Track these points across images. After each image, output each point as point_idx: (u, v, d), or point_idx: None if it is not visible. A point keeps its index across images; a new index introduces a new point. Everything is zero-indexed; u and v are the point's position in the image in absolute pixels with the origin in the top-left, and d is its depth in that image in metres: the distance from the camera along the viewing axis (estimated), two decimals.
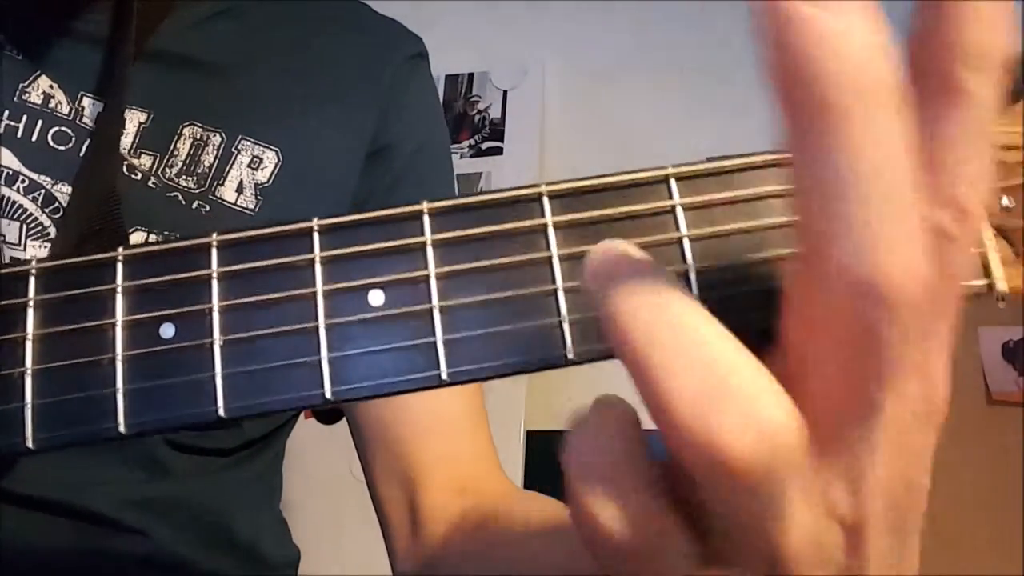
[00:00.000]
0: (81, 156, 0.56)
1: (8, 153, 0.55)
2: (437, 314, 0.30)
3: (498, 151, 1.52)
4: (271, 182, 0.60)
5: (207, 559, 0.62)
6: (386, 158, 0.66)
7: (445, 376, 0.30)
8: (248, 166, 0.59)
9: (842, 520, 0.24)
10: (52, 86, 0.57)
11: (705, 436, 0.21)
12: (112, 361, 0.32)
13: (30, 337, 0.32)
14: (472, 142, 1.54)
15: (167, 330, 0.32)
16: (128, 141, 0.58)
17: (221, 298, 0.32)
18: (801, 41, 0.20)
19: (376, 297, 0.31)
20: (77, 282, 0.33)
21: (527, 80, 1.56)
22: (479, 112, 1.56)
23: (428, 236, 0.31)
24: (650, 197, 0.31)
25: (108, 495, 0.57)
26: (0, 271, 0.33)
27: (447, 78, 1.59)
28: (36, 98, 0.57)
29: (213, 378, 0.31)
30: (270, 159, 0.60)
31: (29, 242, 0.55)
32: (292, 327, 0.31)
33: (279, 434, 0.70)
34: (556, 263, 0.30)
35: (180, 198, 0.58)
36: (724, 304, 0.28)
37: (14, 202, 0.55)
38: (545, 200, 0.31)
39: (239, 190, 0.59)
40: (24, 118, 0.56)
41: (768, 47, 0.20)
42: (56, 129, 0.57)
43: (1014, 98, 0.29)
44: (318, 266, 0.31)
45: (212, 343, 0.31)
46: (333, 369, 0.30)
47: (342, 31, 0.68)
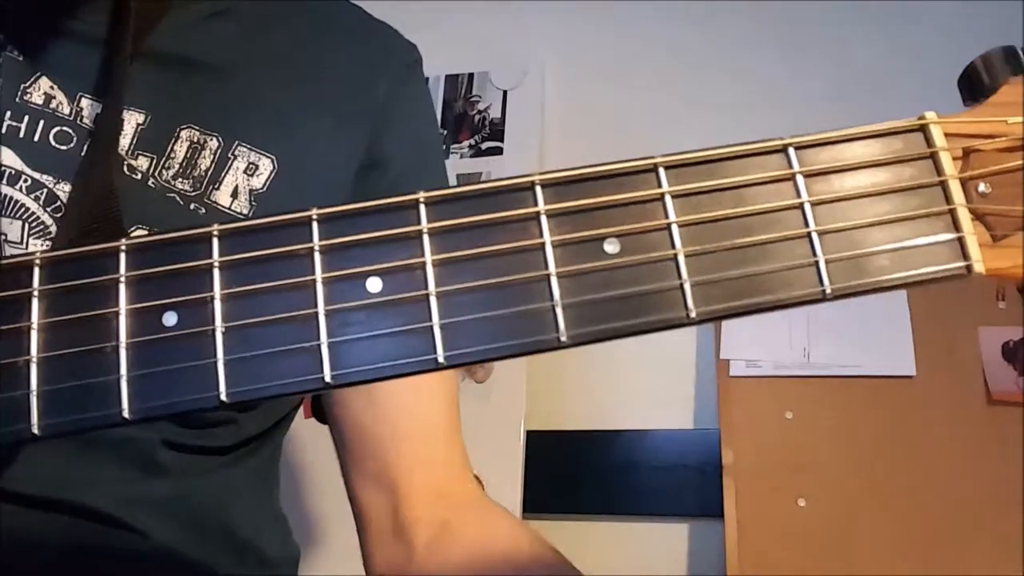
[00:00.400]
0: (82, 155, 0.57)
1: (10, 153, 0.56)
2: (433, 300, 0.31)
3: (498, 151, 1.52)
4: (266, 189, 0.60)
5: (207, 557, 0.62)
6: (381, 167, 0.66)
7: (442, 359, 0.30)
8: (244, 172, 0.60)
9: None
10: (52, 87, 0.58)
11: None
12: (116, 349, 0.32)
13: (35, 326, 0.33)
14: (472, 142, 1.54)
15: (170, 318, 0.32)
16: (126, 142, 0.58)
17: (222, 286, 0.32)
18: None
19: (374, 284, 0.32)
20: (81, 272, 0.33)
21: (527, 80, 1.56)
22: (479, 112, 1.56)
23: (424, 224, 0.32)
24: (640, 185, 0.32)
25: (107, 493, 0.57)
26: (5, 262, 0.34)
27: (447, 78, 1.60)
28: (37, 98, 0.57)
29: (215, 364, 0.31)
30: (266, 166, 0.61)
31: (31, 240, 0.55)
32: (292, 314, 0.32)
33: (276, 431, 0.70)
34: (549, 249, 0.31)
35: (178, 199, 0.58)
36: (711, 286, 0.29)
37: (16, 201, 0.55)
38: (538, 189, 0.32)
39: (234, 195, 0.60)
40: (26, 118, 0.56)
41: None
42: (57, 129, 0.57)
43: (972, 97, 0.30)
44: (317, 254, 0.32)
45: (214, 330, 0.32)
46: (332, 354, 0.31)
47: (338, 37, 0.68)
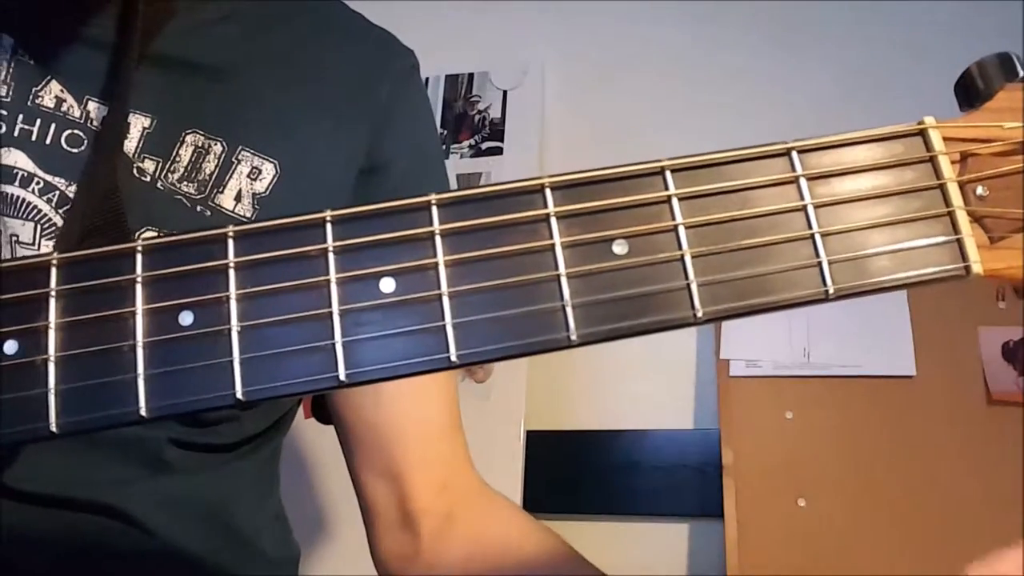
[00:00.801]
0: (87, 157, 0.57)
1: (23, 155, 0.56)
2: (446, 300, 0.32)
3: (498, 151, 1.53)
4: (268, 193, 0.61)
5: (210, 554, 0.63)
6: (381, 173, 0.67)
7: (455, 358, 0.31)
8: (247, 176, 0.61)
9: None
10: (63, 90, 0.58)
11: None
12: (133, 348, 0.33)
13: (52, 325, 0.33)
14: (472, 142, 1.55)
15: (186, 318, 0.33)
16: (132, 146, 0.59)
17: (238, 286, 0.33)
18: None
19: (387, 284, 0.32)
20: (97, 273, 0.34)
21: (527, 80, 1.56)
22: (479, 112, 1.56)
23: (436, 226, 0.33)
24: (647, 188, 0.32)
25: (114, 491, 0.58)
26: (22, 262, 0.34)
27: (447, 78, 1.60)
28: (49, 102, 0.58)
29: (231, 363, 0.32)
30: (268, 171, 0.62)
31: (43, 242, 0.56)
32: (307, 313, 0.32)
33: (277, 430, 0.70)
34: (559, 250, 0.32)
35: (185, 201, 0.59)
36: (717, 286, 0.29)
37: (29, 203, 0.56)
38: (547, 191, 0.33)
39: (237, 199, 0.60)
40: (38, 122, 0.57)
41: None
42: (69, 132, 0.58)
43: (968, 103, 0.30)
44: (331, 255, 0.33)
45: (230, 329, 0.32)
46: (347, 353, 0.31)
47: (338, 42, 0.69)
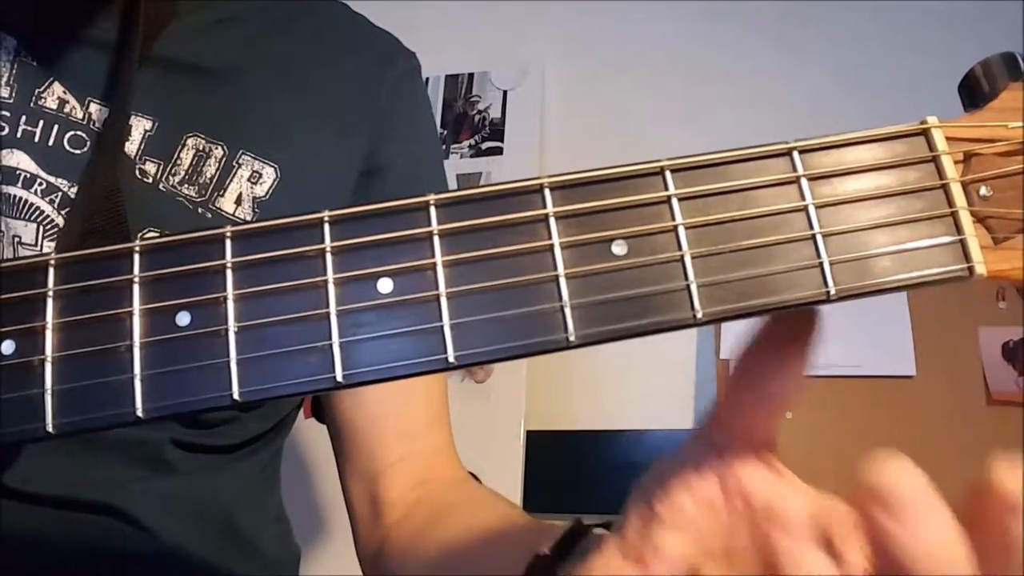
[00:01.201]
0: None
1: (26, 157, 0.56)
2: (444, 300, 0.31)
3: (498, 151, 1.53)
4: (269, 197, 0.61)
5: (211, 555, 0.63)
6: (380, 176, 0.67)
7: (452, 359, 0.31)
8: (248, 180, 0.61)
9: None
10: (65, 91, 0.58)
11: None
12: (130, 348, 0.33)
13: (50, 326, 0.33)
14: (472, 142, 1.54)
15: (183, 318, 0.33)
16: (134, 148, 0.59)
17: (235, 287, 0.33)
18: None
19: (385, 285, 0.32)
20: (95, 273, 0.34)
21: (527, 80, 1.56)
22: (479, 112, 1.56)
23: (435, 226, 0.32)
24: (646, 188, 0.32)
25: (115, 491, 0.58)
26: (20, 262, 0.34)
27: (447, 78, 1.60)
28: (51, 103, 0.58)
29: (228, 363, 0.32)
30: (269, 175, 0.62)
31: (46, 243, 0.56)
32: (304, 314, 0.32)
33: (278, 432, 0.71)
34: (557, 251, 0.32)
35: (186, 203, 0.59)
36: (717, 287, 0.29)
37: (31, 204, 0.56)
38: (546, 191, 0.32)
39: (238, 202, 0.60)
40: (41, 123, 0.57)
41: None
42: (72, 133, 0.58)
43: (972, 103, 0.30)
44: (328, 256, 0.33)
45: (227, 330, 0.32)
46: (344, 354, 0.31)
47: (340, 44, 0.69)
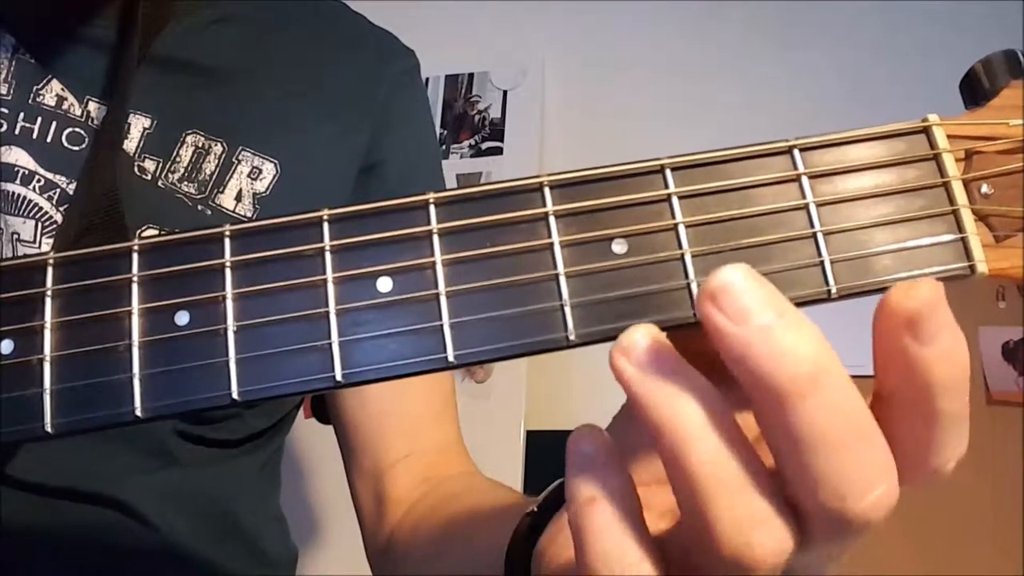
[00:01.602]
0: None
1: (24, 153, 0.57)
2: (443, 299, 0.31)
3: (498, 151, 1.53)
4: (269, 192, 0.61)
5: (211, 550, 0.63)
6: (379, 174, 0.68)
7: (452, 358, 0.31)
8: (248, 176, 0.61)
9: None
10: (63, 89, 0.58)
11: (744, 553, 0.26)
12: (129, 348, 0.32)
13: (48, 325, 0.33)
14: (472, 142, 1.55)
15: (182, 317, 0.33)
16: (133, 145, 0.59)
17: (234, 286, 0.33)
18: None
19: (384, 284, 0.32)
20: (93, 272, 0.34)
21: (527, 80, 1.56)
22: (479, 112, 1.56)
23: (434, 225, 0.32)
24: (647, 187, 0.32)
25: (116, 483, 0.58)
26: (19, 261, 0.34)
27: (447, 78, 1.60)
28: (50, 100, 0.58)
29: (227, 363, 0.32)
30: (269, 170, 0.62)
31: (44, 240, 0.56)
32: (303, 313, 0.32)
33: (281, 428, 0.71)
34: (557, 250, 0.32)
35: (185, 200, 0.59)
36: None
37: (30, 200, 0.56)
38: (546, 190, 0.32)
39: (238, 198, 0.61)
40: (39, 120, 0.57)
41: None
42: (70, 130, 0.58)
43: (973, 101, 0.30)
44: (328, 254, 0.32)
45: (226, 329, 0.32)
46: (343, 353, 0.31)
47: (339, 42, 0.69)
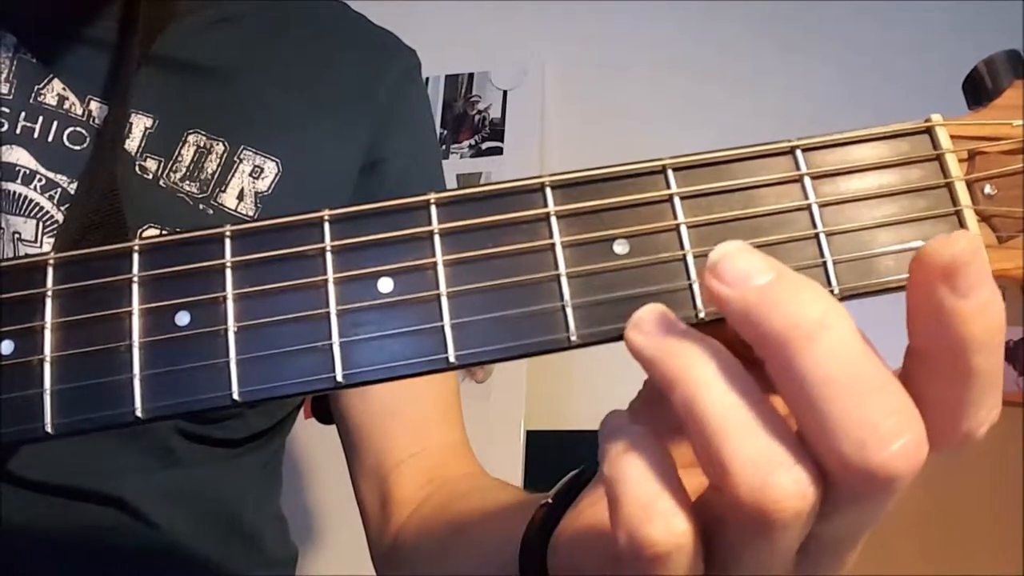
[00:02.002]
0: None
1: (25, 153, 0.57)
2: (444, 300, 0.31)
3: (498, 151, 1.52)
4: (271, 191, 0.62)
5: (213, 549, 0.63)
6: (379, 172, 0.68)
7: (453, 359, 0.31)
8: (250, 175, 0.61)
9: None
10: (65, 88, 0.58)
11: (762, 496, 0.25)
12: (129, 348, 0.32)
13: (48, 326, 0.33)
14: (472, 142, 1.54)
15: (182, 318, 0.33)
16: (134, 145, 0.59)
17: (235, 287, 0.33)
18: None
19: (385, 284, 0.32)
20: (94, 272, 0.34)
21: (527, 80, 1.56)
22: (479, 112, 1.56)
23: (435, 225, 0.32)
24: (648, 187, 0.32)
25: (117, 481, 0.58)
26: (19, 262, 0.34)
27: (447, 78, 1.59)
28: (51, 100, 0.58)
29: (227, 363, 0.32)
30: (271, 169, 0.62)
31: (45, 239, 0.56)
32: (304, 313, 0.32)
33: (282, 428, 0.71)
34: (559, 250, 0.32)
35: (187, 199, 0.59)
36: None
37: (31, 200, 0.56)
38: (548, 190, 0.32)
39: (240, 197, 0.61)
40: (40, 119, 0.57)
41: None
42: (71, 130, 0.58)
43: (976, 101, 0.30)
44: (329, 255, 0.32)
45: (226, 330, 0.32)
46: (344, 353, 0.31)
47: (341, 43, 0.69)
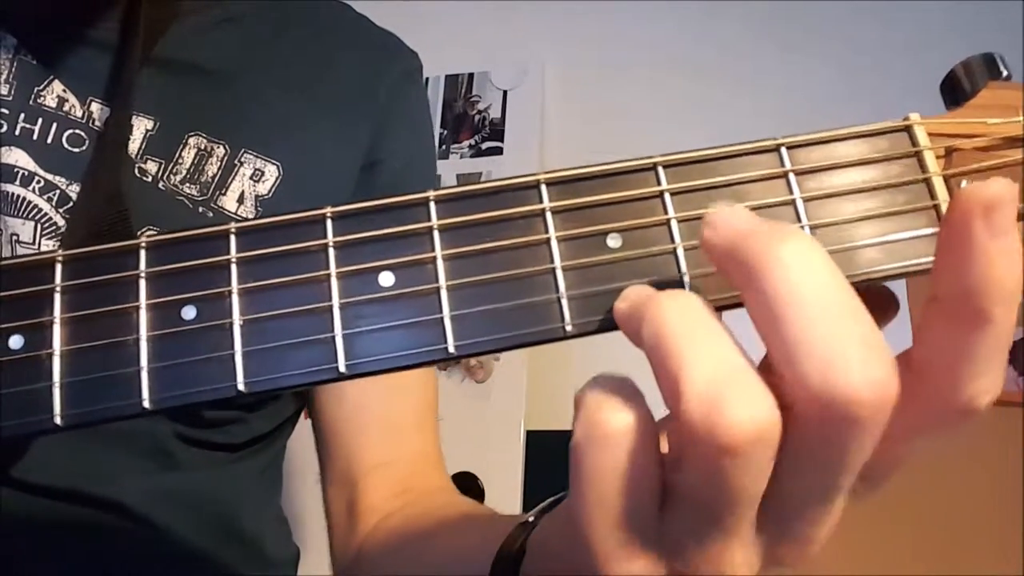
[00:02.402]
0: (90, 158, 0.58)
1: (24, 154, 0.57)
2: (444, 293, 0.32)
3: (498, 151, 1.53)
4: (271, 194, 0.62)
5: (213, 552, 0.64)
6: (376, 172, 0.68)
7: (452, 349, 0.32)
8: (250, 178, 0.62)
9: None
10: (65, 90, 0.59)
11: (714, 416, 0.25)
12: (137, 341, 0.33)
13: (57, 320, 0.34)
14: (472, 142, 1.55)
15: (189, 312, 0.34)
16: (135, 147, 0.59)
17: (240, 281, 0.34)
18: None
19: (386, 278, 0.33)
20: (102, 269, 0.35)
21: (527, 80, 1.57)
22: (479, 112, 1.57)
23: (434, 221, 0.33)
24: (640, 183, 0.33)
25: (117, 485, 0.58)
26: (27, 259, 0.35)
27: (447, 78, 1.60)
28: (51, 101, 0.58)
29: (233, 355, 0.33)
30: (271, 172, 0.62)
31: (43, 241, 0.56)
32: (307, 307, 0.33)
33: (281, 432, 0.71)
34: (554, 244, 0.33)
35: (187, 202, 0.60)
36: (709, 280, 0.30)
37: (29, 202, 0.56)
38: (543, 187, 0.33)
39: (240, 200, 0.61)
40: (40, 121, 0.58)
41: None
42: (70, 132, 0.58)
43: (954, 101, 0.31)
44: (331, 250, 0.33)
45: (232, 323, 0.33)
46: (347, 345, 0.32)
47: (342, 44, 0.70)
